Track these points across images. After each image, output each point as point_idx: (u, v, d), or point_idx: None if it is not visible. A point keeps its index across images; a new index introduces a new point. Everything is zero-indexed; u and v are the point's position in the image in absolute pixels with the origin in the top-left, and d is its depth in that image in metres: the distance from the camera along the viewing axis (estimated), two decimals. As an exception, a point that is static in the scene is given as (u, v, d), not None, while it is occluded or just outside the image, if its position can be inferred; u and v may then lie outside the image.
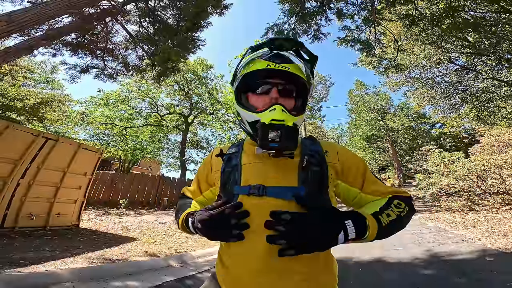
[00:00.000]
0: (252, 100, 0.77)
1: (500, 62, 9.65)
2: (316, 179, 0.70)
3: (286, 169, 0.71)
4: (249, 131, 0.78)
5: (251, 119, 0.73)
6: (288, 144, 0.65)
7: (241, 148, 0.82)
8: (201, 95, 17.11)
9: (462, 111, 13.78)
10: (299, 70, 0.76)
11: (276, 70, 0.72)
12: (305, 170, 0.70)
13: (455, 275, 2.92)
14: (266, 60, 0.74)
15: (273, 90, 0.73)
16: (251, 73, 0.75)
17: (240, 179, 0.73)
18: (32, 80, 17.13)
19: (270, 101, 0.72)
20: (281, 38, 0.78)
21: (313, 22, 7.35)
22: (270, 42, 0.79)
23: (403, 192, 0.76)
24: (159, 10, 6.57)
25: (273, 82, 0.74)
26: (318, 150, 0.76)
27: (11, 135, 4.35)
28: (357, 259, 3.93)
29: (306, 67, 0.79)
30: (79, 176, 5.88)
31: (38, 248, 3.80)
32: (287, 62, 0.75)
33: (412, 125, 23.23)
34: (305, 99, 0.79)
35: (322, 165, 0.73)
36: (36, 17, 3.95)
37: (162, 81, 7.90)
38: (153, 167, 30.41)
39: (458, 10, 7.40)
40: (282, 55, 0.78)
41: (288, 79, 0.74)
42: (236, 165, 0.76)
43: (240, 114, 0.78)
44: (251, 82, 0.77)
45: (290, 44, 0.79)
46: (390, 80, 15.96)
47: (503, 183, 7.32)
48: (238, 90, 0.81)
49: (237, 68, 0.82)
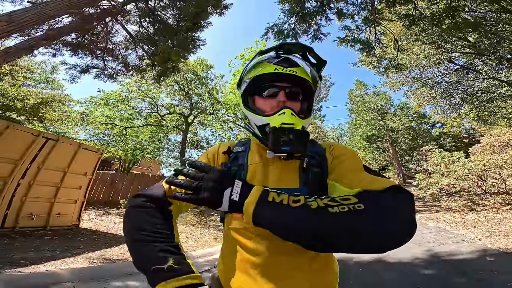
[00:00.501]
0: (259, 103, 0.79)
1: (500, 62, 9.65)
2: (317, 180, 0.71)
3: (288, 170, 0.73)
4: (257, 135, 0.78)
5: (260, 122, 0.74)
6: (299, 148, 0.66)
7: (248, 147, 0.83)
8: (201, 95, 17.09)
9: (462, 111, 13.78)
10: (306, 74, 0.77)
11: (284, 74, 0.73)
12: (306, 171, 0.71)
13: (456, 275, 2.93)
14: (274, 64, 0.75)
15: (280, 93, 0.75)
16: (259, 77, 0.76)
17: (246, 178, 0.73)
18: (32, 80, 17.15)
19: (278, 104, 0.74)
20: (290, 43, 0.78)
21: (313, 22, 7.34)
22: (279, 47, 0.79)
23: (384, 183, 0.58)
24: (159, 10, 6.57)
25: (281, 85, 0.75)
26: (318, 151, 0.77)
27: (11, 135, 4.35)
28: (358, 259, 3.93)
29: (313, 71, 0.80)
30: (79, 176, 5.88)
31: (39, 248, 3.80)
32: (294, 65, 0.76)
33: (412, 125, 23.23)
34: (311, 102, 0.81)
35: (323, 165, 0.74)
36: (36, 17, 3.95)
37: (162, 81, 7.90)
38: (153, 167, 30.41)
39: (458, 10, 7.39)
40: (289, 59, 0.79)
41: (295, 82, 0.76)
42: (242, 164, 0.77)
43: (247, 117, 0.79)
44: (259, 86, 0.78)
45: (299, 48, 0.80)
46: (390, 80, 15.95)
47: (504, 183, 7.32)
48: (246, 93, 0.81)
49: (244, 71, 0.83)
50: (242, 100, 0.82)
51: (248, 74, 0.81)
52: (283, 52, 0.79)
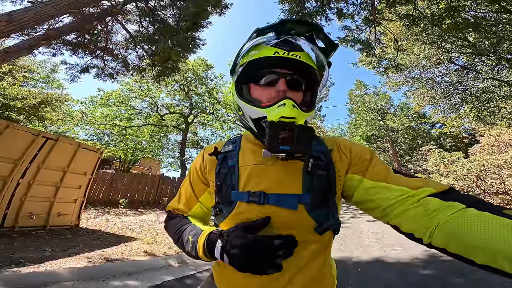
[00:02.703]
0: (255, 93, 0.67)
1: (500, 62, 9.65)
2: (323, 184, 0.62)
3: (289, 173, 0.63)
4: (252, 129, 0.68)
5: (255, 115, 0.63)
6: (301, 147, 0.56)
7: (238, 146, 0.73)
8: (201, 95, 17.11)
9: (462, 111, 13.78)
10: (310, 59, 0.66)
11: (285, 58, 0.62)
12: (310, 174, 0.62)
13: (454, 275, 2.93)
14: (273, 46, 0.63)
15: (280, 81, 0.63)
16: (255, 61, 0.64)
17: (238, 183, 0.65)
18: (32, 79, 17.15)
19: (277, 94, 0.63)
20: (294, 20, 0.66)
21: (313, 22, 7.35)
22: (280, 25, 0.66)
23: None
24: (159, 10, 6.58)
25: (281, 72, 0.64)
26: (323, 150, 0.67)
27: (11, 134, 4.36)
28: (357, 259, 3.93)
29: (320, 55, 0.69)
30: (79, 176, 5.89)
31: (38, 248, 3.80)
32: (297, 49, 0.64)
33: (412, 125, 23.20)
34: (315, 93, 0.70)
35: (329, 167, 0.64)
36: (36, 16, 3.95)
37: (162, 80, 7.90)
38: (153, 166, 30.45)
39: (459, 10, 7.40)
40: (291, 41, 0.68)
41: (297, 69, 0.64)
42: (232, 166, 0.68)
43: (241, 109, 0.68)
44: (255, 72, 0.66)
45: (305, 28, 0.67)
46: (390, 80, 15.95)
47: (503, 183, 7.32)
48: (239, 81, 0.69)
49: (239, 54, 0.71)
50: (235, 89, 0.70)
51: (243, 58, 0.69)
52: (285, 31, 0.68)
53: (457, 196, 0.52)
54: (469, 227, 0.44)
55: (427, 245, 0.51)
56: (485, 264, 0.42)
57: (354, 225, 7.30)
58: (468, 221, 0.44)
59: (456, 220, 0.46)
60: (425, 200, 0.53)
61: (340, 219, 0.67)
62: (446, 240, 0.47)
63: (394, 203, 0.56)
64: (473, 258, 0.43)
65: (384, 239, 4.97)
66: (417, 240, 0.53)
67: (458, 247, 0.45)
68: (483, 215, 0.44)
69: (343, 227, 6.90)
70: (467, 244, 0.43)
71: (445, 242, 0.47)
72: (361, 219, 8.03)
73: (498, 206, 0.47)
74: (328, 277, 0.68)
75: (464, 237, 0.44)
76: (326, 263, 0.68)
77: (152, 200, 11.01)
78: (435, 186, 0.55)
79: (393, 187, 0.58)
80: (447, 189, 0.54)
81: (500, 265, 0.39)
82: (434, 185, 0.55)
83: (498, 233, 0.40)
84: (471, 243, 0.43)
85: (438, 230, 0.48)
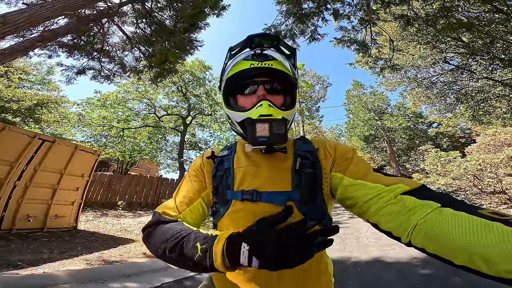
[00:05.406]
0: (241, 101, 0.76)
1: (494, 61, 9.75)
2: (310, 181, 0.67)
3: (279, 172, 0.69)
4: (240, 132, 0.76)
5: (239, 118, 0.72)
6: (277, 138, 0.64)
7: (233, 151, 0.80)
8: (199, 96, 17.09)
9: (457, 110, 13.89)
10: (282, 65, 0.75)
11: (260, 68, 0.71)
12: (298, 172, 0.68)
13: (453, 275, 2.95)
14: (249, 59, 0.73)
15: (259, 88, 0.72)
16: (236, 75, 0.73)
17: (233, 183, 0.70)
18: (28, 81, 16.98)
19: (257, 99, 0.71)
20: (259, 35, 0.75)
21: (310, 22, 7.39)
22: (249, 41, 0.76)
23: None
24: (156, 11, 6.57)
25: (259, 80, 0.73)
26: (310, 150, 0.74)
27: (7, 137, 4.33)
28: (356, 259, 3.95)
29: (289, 62, 0.78)
30: (77, 178, 5.85)
31: (36, 250, 3.77)
32: (269, 59, 0.74)
33: (409, 125, 23.35)
34: (294, 94, 0.78)
35: (315, 165, 0.70)
36: (31, 18, 3.93)
37: (159, 82, 7.89)
38: (152, 168, 30.30)
39: (452, 10, 7.48)
40: (264, 54, 0.77)
41: (272, 76, 0.73)
42: (228, 168, 0.74)
43: (230, 116, 0.76)
44: (238, 84, 0.76)
45: (269, 40, 0.77)
46: (386, 80, 16.05)
47: (500, 182, 7.38)
48: (226, 94, 0.79)
49: (223, 71, 0.81)
50: (224, 101, 0.79)
51: (228, 74, 0.78)
52: (255, 46, 0.77)
53: (432, 194, 0.53)
54: (445, 228, 0.44)
55: (406, 244, 0.52)
56: (463, 265, 0.42)
57: (353, 225, 7.33)
58: (445, 222, 0.45)
59: (433, 221, 0.47)
60: (401, 198, 0.55)
61: (331, 216, 0.71)
62: (424, 240, 0.48)
63: (369, 199, 0.59)
64: (451, 259, 0.44)
65: (383, 239, 4.99)
66: (395, 238, 0.54)
67: (436, 248, 0.46)
68: (459, 215, 0.45)
69: (342, 227, 6.91)
70: (444, 245, 0.44)
71: (423, 243, 0.48)
72: (360, 219, 8.02)
73: (473, 206, 0.47)
74: (324, 274, 0.70)
75: (441, 238, 0.44)
76: (322, 260, 0.70)
77: (151, 202, 10.96)
78: (409, 183, 0.58)
79: (369, 185, 0.61)
80: (419, 187, 0.57)
81: (478, 266, 0.40)
82: (408, 182, 0.58)
83: (474, 234, 0.41)
84: (448, 244, 0.43)
85: (416, 230, 0.49)
